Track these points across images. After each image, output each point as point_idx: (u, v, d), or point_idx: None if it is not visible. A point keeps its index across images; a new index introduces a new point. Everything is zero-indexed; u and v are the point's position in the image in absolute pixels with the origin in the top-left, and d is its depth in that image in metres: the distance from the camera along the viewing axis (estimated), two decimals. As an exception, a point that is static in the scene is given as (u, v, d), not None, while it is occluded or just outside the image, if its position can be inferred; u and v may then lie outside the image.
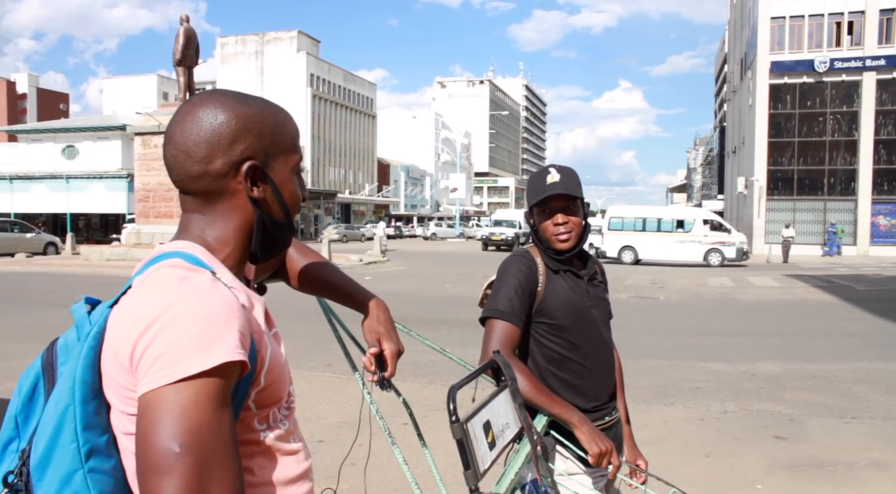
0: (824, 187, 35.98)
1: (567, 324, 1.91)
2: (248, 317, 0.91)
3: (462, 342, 8.17)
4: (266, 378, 0.96)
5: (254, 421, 0.97)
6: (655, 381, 6.82)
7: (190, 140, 0.97)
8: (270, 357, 0.97)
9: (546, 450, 1.69)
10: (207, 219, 1.01)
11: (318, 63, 69.51)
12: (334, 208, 63.52)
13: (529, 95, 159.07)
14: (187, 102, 1.02)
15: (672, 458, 4.57)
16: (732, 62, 52.85)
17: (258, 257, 1.06)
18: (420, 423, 1.68)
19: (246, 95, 1.04)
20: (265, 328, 1.00)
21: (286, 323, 10.47)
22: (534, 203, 1.94)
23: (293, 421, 1.08)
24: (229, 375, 0.85)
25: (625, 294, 15.26)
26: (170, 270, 0.90)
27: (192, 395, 0.80)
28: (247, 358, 0.87)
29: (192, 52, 21.88)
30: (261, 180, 1.00)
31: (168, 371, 0.80)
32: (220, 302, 0.87)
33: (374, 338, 1.36)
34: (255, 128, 1.00)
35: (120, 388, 0.87)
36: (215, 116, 0.98)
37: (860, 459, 4.59)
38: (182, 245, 0.98)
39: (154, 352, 0.81)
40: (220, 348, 0.83)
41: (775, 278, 20.04)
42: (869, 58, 34.56)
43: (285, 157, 1.04)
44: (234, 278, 0.99)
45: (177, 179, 1.00)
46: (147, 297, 0.87)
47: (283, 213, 1.05)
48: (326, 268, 1.49)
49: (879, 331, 10.12)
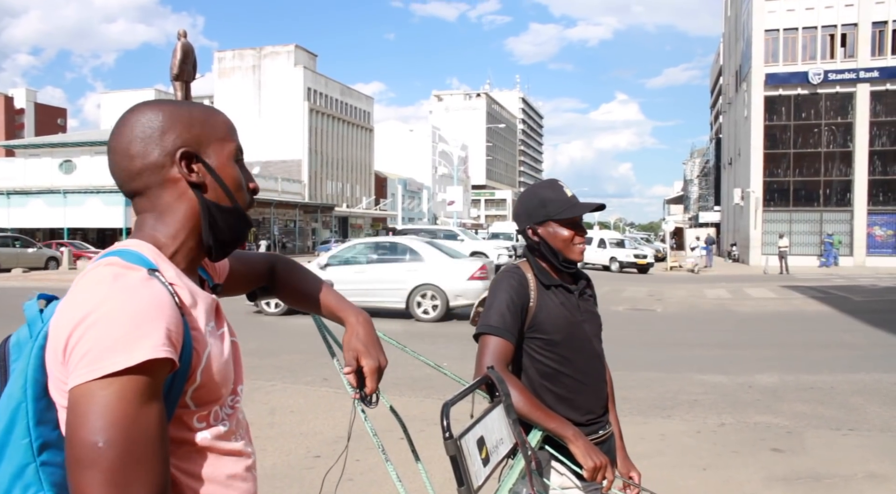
0: (820, 198, 36.12)
1: (559, 339, 1.92)
2: (184, 314, 0.94)
3: (460, 355, 8.16)
4: (203, 376, 0.97)
5: (192, 419, 0.99)
6: (653, 393, 6.81)
7: (125, 141, 1.03)
8: (209, 355, 0.99)
9: (540, 465, 1.70)
10: (156, 215, 1.04)
11: (316, 77, 69.78)
12: (332, 221, 63.54)
13: (526, 107, 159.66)
14: (121, 116, 1.07)
15: (669, 471, 4.57)
16: (727, 74, 53.17)
17: (213, 249, 1.08)
18: (417, 438, 1.68)
19: (175, 100, 1.10)
20: (210, 327, 1.02)
21: (284, 338, 10.49)
22: (567, 216, 1.94)
23: (237, 421, 1.09)
24: (156, 372, 0.87)
25: (622, 306, 15.27)
26: (105, 268, 0.93)
27: (117, 391, 0.83)
28: (176, 356, 0.89)
29: (189, 66, 21.86)
30: (197, 165, 1.04)
31: (94, 367, 0.83)
32: (149, 300, 0.89)
33: (352, 356, 1.34)
34: (184, 119, 1.05)
35: (60, 384, 0.89)
36: (143, 114, 1.04)
37: (857, 471, 4.59)
38: (129, 243, 1.01)
39: (83, 348, 0.84)
40: (146, 345, 0.85)
41: (772, 289, 20.06)
42: (862, 70, 34.82)
43: (220, 143, 1.09)
44: (181, 274, 1.01)
45: (122, 183, 1.05)
46: (80, 295, 0.90)
47: (226, 197, 1.07)
48: (308, 280, 1.50)
49: (876, 342, 10.13)
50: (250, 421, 1.19)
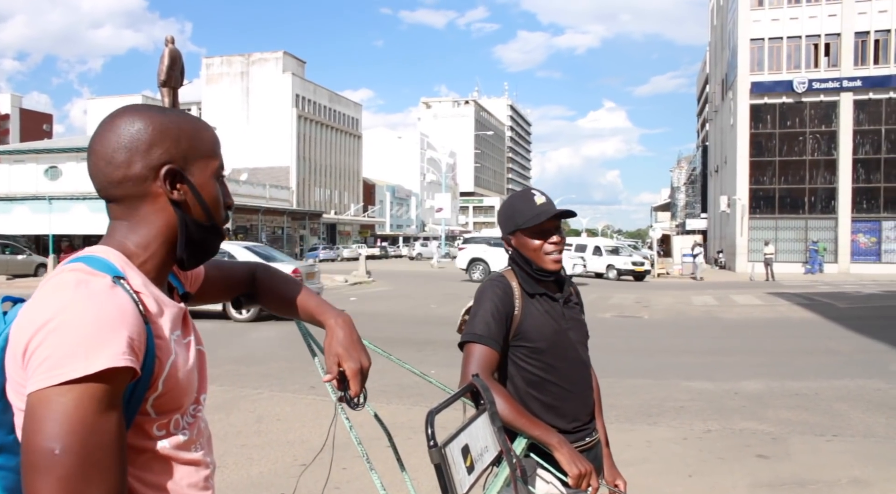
0: (805, 206, 36.46)
1: (544, 347, 1.93)
2: (149, 322, 0.94)
3: (447, 363, 8.16)
4: (165, 384, 0.97)
5: (152, 427, 0.98)
6: (639, 400, 6.84)
7: (109, 147, 1.01)
8: (172, 363, 0.98)
9: (525, 473, 1.71)
10: (130, 224, 1.04)
11: (304, 83, 69.75)
12: (320, 228, 63.41)
13: (514, 114, 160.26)
14: (107, 116, 1.06)
15: (655, 478, 4.58)
16: (714, 83, 53.63)
17: (185, 261, 1.08)
18: (405, 446, 1.68)
19: (164, 108, 1.08)
20: (176, 335, 1.01)
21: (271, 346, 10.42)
22: (531, 224, 1.94)
23: (198, 430, 1.08)
24: (116, 380, 0.86)
25: (609, 314, 15.33)
26: (69, 274, 0.92)
27: (75, 398, 0.83)
28: (137, 364, 0.89)
29: (177, 73, 21.85)
30: (180, 183, 1.04)
31: (53, 374, 0.83)
32: (112, 307, 0.88)
33: (333, 361, 1.31)
34: (173, 133, 1.04)
35: (19, 387, 0.89)
36: (133, 123, 1.02)
37: (841, 477, 4.63)
38: (97, 250, 1.01)
39: (42, 354, 0.84)
40: (106, 353, 0.85)
41: (758, 296, 20.21)
42: (846, 79, 35.25)
43: (204, 161, 1.08)
44: (148, 283, 1.01)
45: (100, 187, 1.04)
46: (42, 300, 0.89)
47: (204, 215, 1.07)
48: (286, 285, 1.49)
49: (860, 348, 10.22)
50: (237, 429, 1.19)
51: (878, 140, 35.41)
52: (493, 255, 25.02)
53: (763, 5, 37.01)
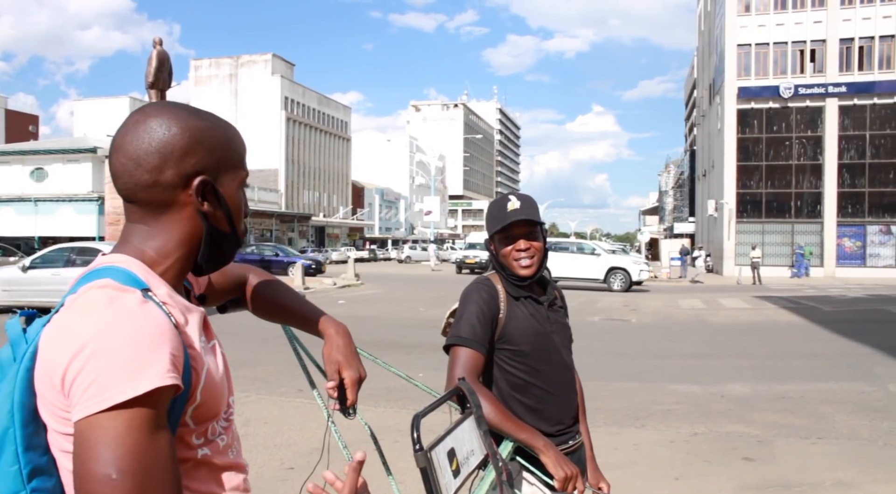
0: (791, 210, 36.77)
1: (529, 350, 1.94)
2: (181, 336, 0.91)
3: (436, 366, 8.15)
4: (202, 394, 0.96)
5: (191, 437, 0.97)
6: (627, 404, 6.87)
7: (141, 149, 0.97)
8: (207, 373, 0.97)
9: (511, 476, 1.71)
10: (151, 230, 1.00)
11: (293, 86, 69.62)
12: (308, 230, 63.25)
13: (503, 118, 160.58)
14: (138, 112, 1.01)
15: (642, 481, 4.61)
16: (701, 88, 54.02)
17: (203, 268, 1.06)
18: (392, 449, 1.69)
19: (197, 109, 1.05)
20: (202, 342, 1.00)
21: (258, 348, 10.35)
22: (496, 230, 1.97)
23: (231, 434, 1.08)
24: (162, 399, 0.85)
25: (597, 317, 15.38)
26: (98, 291, 0.89)
27: (126, 421, 0.81)
28: (180, 380, 0.87)
29: (164, 75, 21.74)
30: (210, 195, 1.01)
31: (100, 399, 0.81)
32: (150, 325, 0.86)
33: (334, 368, 1.34)
34: (207, 142, 1.00)
35: (54, 408, 0.87)
36: (168, 127, 0.97)
37: (825, 479, 4.67)
38: (118, 259, 0.97)
39: (85, 379, 0.82)
40: (152, 373, 0.83)
41: (745, 299, 20.34)
42: (831, 85, 35.61)
43: (234, 172, 1.05)
44: (172, 291, 0.98)
45: (123, 188, 0.99)
46: (76, 320, 0.86)
47: (228, 225, 1.05)
48: (285, 293, 1.49)
49: (845, 352, 10.31)
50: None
51: (862, 145, 35.78)
52: (553, 261, 23.85)
53: (750, 11, 37.35)
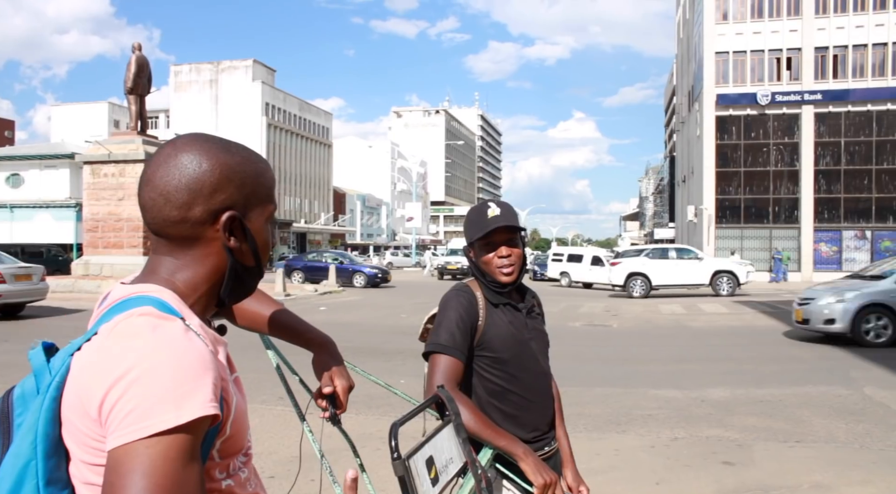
0: (769, 216, 37.25)
1: (507, 357, 1.95)
2: (217, 366, 0.90)
3: (417, 372, 8.11)
4: (232, 427, 0.95)
5: (215, 471, 0.96)
6: (608, 409, 6.90)
7: (171, 185, 0.96)
8: (236, 406, 0.96)
9: (490, 483, 1.71)
10: (179, 263, 1.00)
11: (274, 92, 69.34)
12: (290, 237, 62.94)
13: (485, 124, 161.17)
14: (169, 145, 1.01)
15: (623, 486, 4.62)
16: (680, 94, 54.59)
17: (226, 301, 1.06)
18: (373, 456, 1.69)
19: (229, 141, 1.04)
20: (229, 374, 0.98)
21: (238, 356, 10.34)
22: (477, 237, 1.97)
23: (251, 468, 1.07)
24: (201, 428, 0.83)
25: (578, 322, 15.44)
26: (140, 318, 0.87)
27: (163, 450, 0.79)
28: (219, 410, 0.86)
29: (144, 80, 21.62)
30: (238, 230, 1.00)
31: (140, 426, 0.79)
32: (194, 354, 0.85)
33: (327, 377, 1.37)
34: (237, 178, 1.00)
35: (84, 438, 0.85)
36: (200, 163, 0.97)
37: (803, 482, 4.72)
38: (151, 289, 0.96)
39: (126, 406, 0.80)
40: (195, 402, 0.81)
41: (724, 304, 20.53)
42: (807, 92, 36.18)
43: (262, 207, 1.05)
44: (202, 323, 0.98)
45: (152, 222, 0.99)
46: (117, 347, 0.84)
47: (254, 260, 1.05)
48: (269, 303, 1.50)
49: (822, 356, 10.44)
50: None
51: (837, 152, 36.35)
52: (654, 268, 23.74)
53: (727, 19, 37.86)
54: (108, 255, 21.13)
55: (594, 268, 28.75)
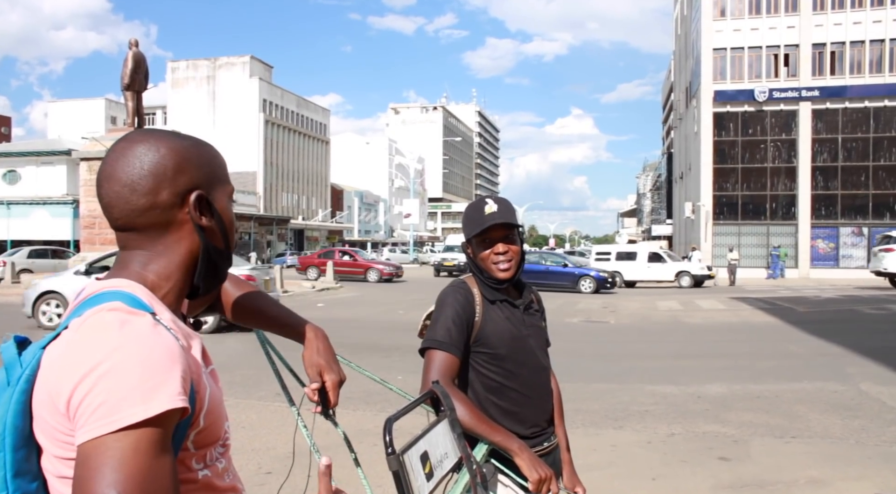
0: (767, 212, 37.29)
1: (504, 353, 1.95)
2: (188, 359, 0.90)
3: (414, 368, 8.10)
4: (205, 419, 0.95)
5: (191, 461, 0.96)
6: (605, 405, 6.91)
7: (134, 174, 0.97)
8: (210, 398, 0.96)
9: (485, 479, 1.71)
10: (150, 254, 1.00)
11: (271, 88, 69.21)
12: (287, 233, 62.89)
13: (483, 121, 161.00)
14: (122, 140, 1.01)
15: (620, 482, 4.63)
16: (678, 91, 54.60)
17: (200, 289, 1.06)
18: (370, 452, 1.69)
19: (177, 131, 1.07)
20: (203, 367, 0.99)
21: (234, 351, 10.25)
22: (474, 233, 1.98)
23: (228, 458, 1.07)
24: (170, 421, 0.84)
25: (576, 319, 15.46)
26: (109, 313, 0.88)
27: (133, 443, 0.79)
28: (188, 403, 0.86)
29: (141, 76, 21.54)
30: (206, 209, 1.02)
31: (109, 420, 0.79)
32: (161, 347, 0.86)
33: (316, 371, 1.36)
34: (195, 159, 1.02)
35: (54, 432, 0.85)
36: (157, 148, 0.99)
37: (799, 477, 4.73)
38: (121, 284, 0.96)
39: (94, 401, 0.80)
40: (163, 395, 0.82)
41: (721, 300, 20.56)
42: (804, 89, 36.20)
43: (222, 186, 1.07)
44: (174, 317, 0.98)
45: (120, 216, 0.99)
46: (86, 342, 0.85)
47: (223, 240, 1.06)
48: (261, 298, 1.50)
49: (819, 352, 10.46)
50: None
51: (835, 148, 36.40)
52: None
53: (725, 16, 37.85)
54: (105, 251, 21.07)
55: (652, 265, 27.36)
